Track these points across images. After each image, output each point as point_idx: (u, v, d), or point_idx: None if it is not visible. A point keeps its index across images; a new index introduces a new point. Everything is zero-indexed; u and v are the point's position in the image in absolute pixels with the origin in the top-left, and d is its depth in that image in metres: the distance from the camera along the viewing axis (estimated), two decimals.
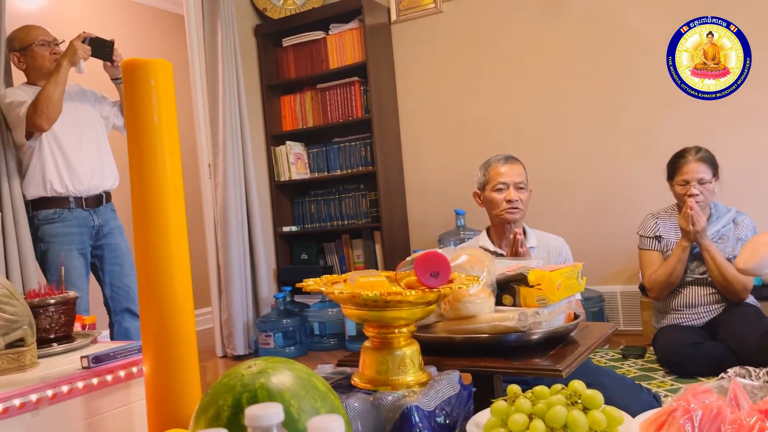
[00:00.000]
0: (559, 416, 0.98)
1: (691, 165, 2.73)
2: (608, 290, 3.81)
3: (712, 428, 0.89)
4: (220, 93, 4.01)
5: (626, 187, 3.76)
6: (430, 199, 4.35)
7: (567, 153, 3.93)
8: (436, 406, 1.10)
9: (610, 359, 3.20)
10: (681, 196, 2.77)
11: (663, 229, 2.89)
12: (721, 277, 2.68)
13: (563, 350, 1.33)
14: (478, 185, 2.39)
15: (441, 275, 1.11)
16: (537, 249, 2.26)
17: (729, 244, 2.75)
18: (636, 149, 3.73)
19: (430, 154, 4.36)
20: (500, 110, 4.12)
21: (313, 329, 4.06)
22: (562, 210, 3.92)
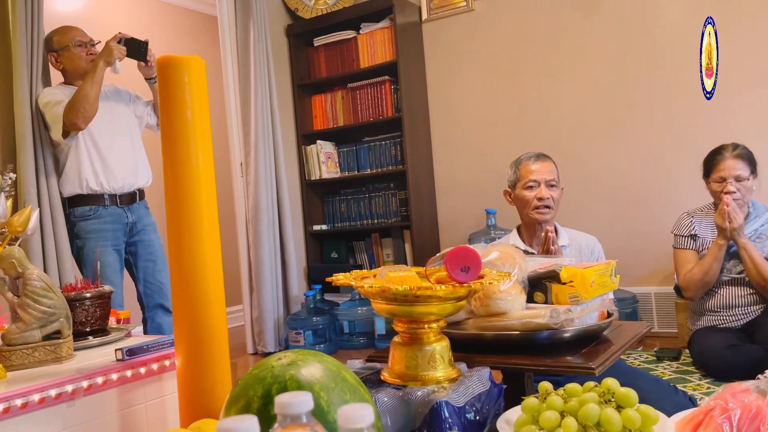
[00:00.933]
0: (592, 414, 0.97)
1: (728, 162, 2.66)
2: (642, 291, 3.74)
3: (751, 428, 0.86)
4: (252, 92, 4.05)
5: (661, 185, 3.68)
6: (461, 198, 4.33)
7: (600, 151, 3.87)
8: (466, 402, 1.09)
9: (644, 361, 3.14)
10: (717, 194, 2.70)
11: (698, 227, 2.83)
12: (760, 276, 2.60)
13: (596, 348, 1.31)
14: (509, 183, 2.37)
15: (471, 270, 1.10)
16: (569, 248, 2.23)
17: (767, 243, 2.68)
18: (671, 147, 3.65)
19: (461, 153, 4.33)
20: (531, 109, 4.07)
21: (342, 327, 4.07)
22: (594, 209, 3.86)
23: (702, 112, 3.55)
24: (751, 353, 2.56)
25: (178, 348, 1.28)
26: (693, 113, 3.58)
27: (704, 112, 3.54)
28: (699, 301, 2.85)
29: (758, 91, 3.41)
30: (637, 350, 3.39)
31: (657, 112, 3.69)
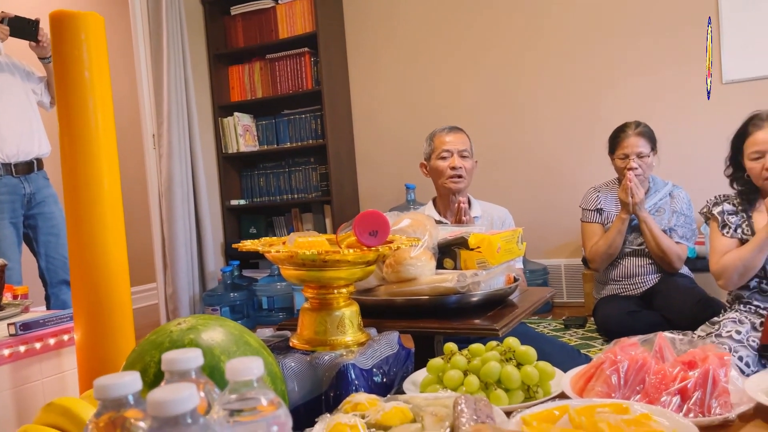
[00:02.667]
0: (493, 371, 1.00)
1: (630, 139, 2.80)
2: (552, 263, 3.90)
3: (637, 378, 0.92)
4: (164, 61, 3.88)
5: (570, 161, 3.84)
6: (381, 173, 4.34)
7: (513, 128, 3.98)
8: (374, 365, 1.10)
9: (552, 329, 3.28)
10: (621, 170, 2.83)
11: (604, 202, 2.96)
12: (657, 248, 2.76)
13: (501, 311, 1.35)
14: (425, 156, 2.40)
15: (380, 234, 1.10)
16: (481, 219, 2.29)
17: (665, 217, 2.84)
18: (579, 124, 3.80)
19: (382, 127, 4.34)
20: (451, 85, 4.12)
21: (261, 303, 4.03)
22: (507, 184, 3.98)
23: (608, 90, 3.71)
24: (649, 318, 2.72)
25: (77, 322, 1.22)
26: (600, 92, 3.74)
27: (610, 91, 3.71)
28: (603, 272, 3.00)
29: (659, 72, 3.59)
30: (546, 319, 3.54)
31: (566, 90, 3.83)
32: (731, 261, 2.13)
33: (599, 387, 0.93)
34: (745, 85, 3.42)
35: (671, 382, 0.89)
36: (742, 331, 2.08)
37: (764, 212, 2.14)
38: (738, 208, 2.23)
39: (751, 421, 0.87)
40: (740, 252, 2.12)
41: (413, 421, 0.87)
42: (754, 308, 2.18)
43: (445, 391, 0.99)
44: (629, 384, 0.92)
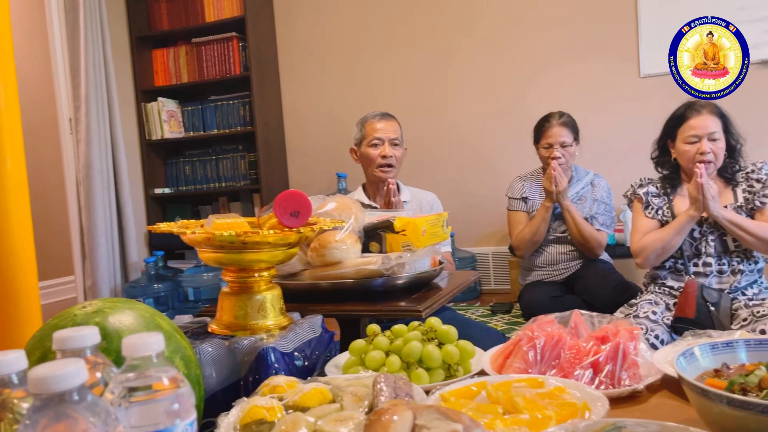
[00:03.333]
0: (414, 351, 1.00)
1: (554, 129, 2.87)
2: (481, 251, 3.98)
3: (553, 354, 0.94)
4: (81, 41, 3.68)
5: (498, 150, 3.92)
6: (312, 161, 4.29)
7: (443, 117, 4.02)
8: (295, 349, 1.08)
9: (480, 315, 3.34)
10: (545, 159, 2.91)
11: (529, 190, 3.04)
12: (579, 235, 2.86)
13: (426, 293, 1.36)
14: (355, 141, 2.38)
15: (301, 215, 1.08)
16: (410, 203, 2.30)
17: (587, 205, 2.94)
18: (506, 114, 3.88)
19: (313, 115, 4.29)
20: (381, 71, 4.12)
21: (187, 294, 3.91)
22: (436, 173, 4.02)
23: (534, 81, 3.81)
24: (571, 303, 2.81)
25: None
26: (526, 83, 3.83)
27: (535, 82, 3.80)
28: (529, 259, 3.08)
29: (581, 65, 3.71)
30: (474, 305, 3.61)
31: (493, 80, 3.90)
32: (651, 241, 2.22)
33: (517, 363, 0.95)
34: (662, 79, 3.57)
35: (585, 356, 0.92)
36: (657, 312, 2.18)
37: (686, 196, 2.24)
38: (660, 191, 2.33)
39: (658, 392, 0.90)
40: (660, 233, 2.22)
41: (332, 401, 0.85)
42: (668, 290, 2.28)
43: (367, 372, 0.98)
44: (545, 359, 0.94)
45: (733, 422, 0.62)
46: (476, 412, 0.76)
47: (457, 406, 0.80)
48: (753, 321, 2.05)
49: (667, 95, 3.42)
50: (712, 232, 2.19)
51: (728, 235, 2.17)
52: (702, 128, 2.16)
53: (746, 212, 2.18)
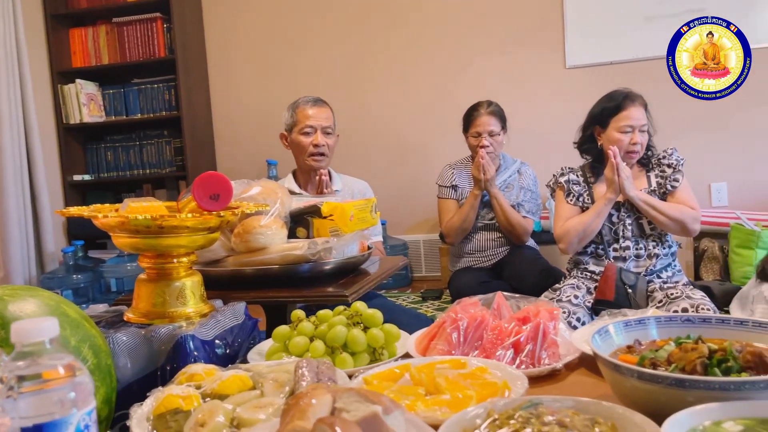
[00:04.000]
0: (339, 336, 0.99)
1: (482, 118, 2.92)
2: (412, 239, 4.01)
3: (476, 335, 0.94)
4: None
5: (429, 139, 3.94)
6: (242, 147, 4.19)
7: (374, 104, 4.01)
8: (216, 336, 1.04)
9: (411, 302, 3.37)
10: (474, 148, 2.95)
11: (459, 178, 3.07)
12: (507, 222, 2.92)
13: (353, 279, 1.35)
14: (286, 126, 2.33)
15: (222, 198, 1.04)
16: (342, 192, 2.28)
17: (514, 192, 3.01)
18: (437, 102, 3.91)
19: (242, 100, 4.18)
20: (312, 56, 4.06)
21: (109, 286, 3.75)
22: (368, 160, 4.01)
23: (461, 71, 3.85)
24: (499, 288, 2.80)
25: None
26: (454, 72, 3.87)
27: (463, 72, 3.85)
28: (458, 246, 3.12)
29: (509, 55, 3.79)
30: (405, 292, 3.64)
31: (424, 69, 3.92)
32: (572, 226, 2.30)
33: (441, 345, 0.95)
34: (587, 70, 3.69)
35: (506, 337, 0.93)
36: (579, 295, 2.26)
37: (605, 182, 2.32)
38: (581, 179, 2.41)
39: (576, 370, 0.92)
40: (581, 218, 2.30)
41: (253, 388, 0.83)
42: (590, 274, 2.37)
43: (290, 359, 0.96)
44: (468, 341, 0.94)
45: (643, 395, 0.64)
46: (398, 394, 0.76)
47: (380, 388, 0.79)
48: (667, 303, 2.16)
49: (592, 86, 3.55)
50: (629, 215, 2.29)
51: (644, 219, 2.27)
52: (636, 119, 2.25)
53: (659, 196, 2.29)
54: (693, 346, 0.68)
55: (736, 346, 0.68)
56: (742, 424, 0.56)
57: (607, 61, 3.64)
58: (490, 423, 0.61)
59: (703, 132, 3.53)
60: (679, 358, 0.68)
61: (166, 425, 0.76)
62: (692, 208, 2.24)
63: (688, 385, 0.60)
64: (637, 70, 3.56)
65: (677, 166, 2.30)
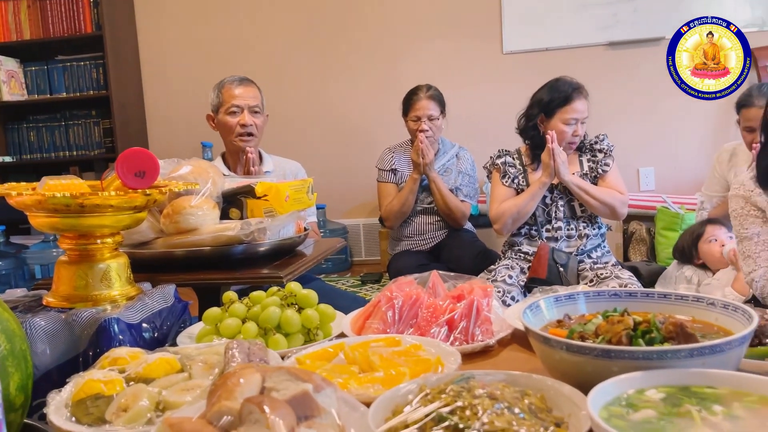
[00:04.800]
0: (273, 317, 0.96)
1: (422, 102, 2.92)
2: (352, 223, 3.99)
3: (411, 313, 0.94)
4: None
5: (368, 122, 3.93)
6: (175, 128, 4.06)
7: (312, 85, 3.96)
8: (143, 319, 1.00)
9: (350, 285, 3.37)
10: (414, 132, 2.96)
11: (398, 162, 3.07)
12: (445, 206, 2.94)
13: (289, 260, 1.32)
14: (212, 107, 2.27)
15: (148, 175, 1.00)
16: (273, 174, 2.23)
17: (452, 177, 3.04)
18: (377, 85, 3.89)
19: (175, 79, 4.04)
20: (248, 34, 3.96)
21: (33, 272, 3.57)
22: (306, 144, 3.96)
23: (401, 55, 3.85)
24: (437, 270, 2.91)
25: None
26: (395, 56, 3.86)
27: (403, 56, 3.84)
28: (398, 229, 3.13)
29: (447, 40, 3.80)
30: (345, 276, 3.63)
31: (364, 52, 3.89)
32: (507, 207, 2.35)
33: (376, 324, 0.94)
34: (523, 56, 3.75)
35: (441, 314, 0.93)
36: (513, 275, 2.31)
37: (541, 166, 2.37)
38: (517, 161, 2.45)
39: (509, 346, 0.94)
40: (516, 200, 2.35)
41: (181, 371, 0.80)
42: (523, 255, 2.42)
43: (221, 341, 0.93)
44: (403, 319, 0.94)
45: (572, 367, 0.65)
46: (331, 372, 0.75)
47: (313, 368, 0.78)
48: (597, 282, 2.23)
49: (529, 71, 3.62)
50: (562, 197, 2.36)
51: (575, 201, 2.34)
52: (581, 112, 2.31)
53: (590, 180, 2.37)
54: (619, 318, 0.70)
55: (659, 318, 0.70)
56: (664, 391, 0.58)
57: (543, 47, 3.71)
58: (422, 398, 0.61)
59: (632, 118, 3.65)
60: (606, 330, 0.70)
61: (87, 411, 0.72)
62: (621, 193, 2.33)
63: (613, 355, 0.61)
64: (571, 57, 3.65)
65: (608, 151, 2.38)
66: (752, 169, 1.67)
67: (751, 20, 3.50)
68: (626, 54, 3.64)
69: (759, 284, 1.59)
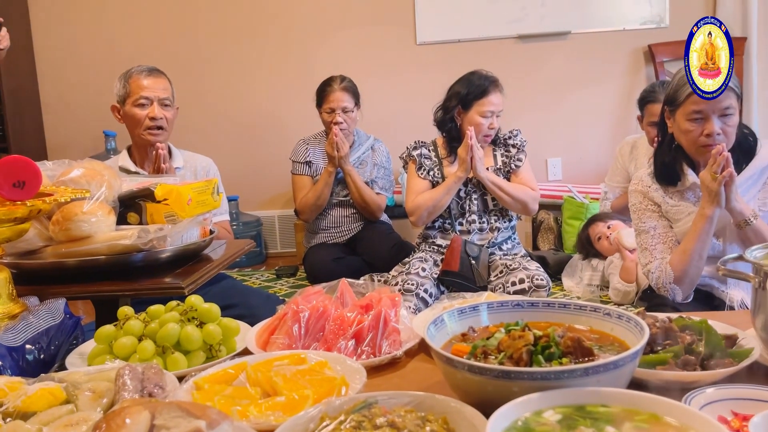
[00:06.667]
0: (171, 334, 0.91)
1: (336, 94, 2.88)
2: (266, 215, 3.91)
3: (318, 326, 0.92)
4: None
5: (281, 113, 3.84)
6: (74, 117, 3.81)
7: (223, 76, 3.83)
8: (27, 340, 0.93)
9: (265, 280, 3.30)
10: (328, 124, 2.92)
11: (313, 154, 3.03)
12: (361, 199, 2.93)
13: (193, 267, 1.26)
14: (118, 98, 2.14)
15: (28, 185, 0.92)
16: (184, 169, 2.14)
17: (368, 169, 3.02)
18: (290, 76, 3.81)
19: (74, 63, 3.79)
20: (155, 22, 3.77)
21: None
22: (216, 135, 3.84)
23: (315, 45, 3.78)
24: (353, 263, 2.90)
25: None
26: (309, 46, 3.79)
27: (317, 46, 3.78)
28: (313, 222, 3.09)
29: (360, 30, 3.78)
30: (260, 270, 3.55)
31: (277, 41, 3.79)
32: (423, 200, 2.37)
33: (281, 339, 0.92)
34: (437, 47, 3.78)
35: (349, 326, 0.91)
36: (426, 268, 2.34)
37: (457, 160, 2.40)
38: (432, 153, 2.47)
39: (417, 356, 0.93)
40: (432, 193, 2.37)
41: (66, 401, 0.74)
42: (437, 247, 2.46)
43: (114, 362, 0.88)
44: (310, 332, 0.92)
45: (474, 386, 0.65)
46: (230, 399, 0.71)
47: (211, 393, 0.74)
48: (506, 273, 2.29)
49: (442, 62, 3.65)
50: (475, 191, 2.41)
51: (488, 195, 2.39)
52: (497, 105, 2.36)
53: (503, 174, 2.42)
54: (520, 333, 0.71)
55: (558, 331, 0.71)
56: (561, 412, 0.59)
57: (456, 38, 3.75)
58: (323, 428, 0.59)
59: (540, 110, 3.77)
60: (508, 346, 0.70)
61: None
62: (532, 189, 2.41)
63: (513, 376, 0.62)
64: (483, 49, 3.71)
65: (521, 146, 2.45)
66: (650, 165, 1.76)
67: (650, 17, 3.67)
68: (534, 47, 3.74)
69: (655, 275, 1.68)
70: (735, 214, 1.56)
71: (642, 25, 3.69)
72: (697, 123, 1.57)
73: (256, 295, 2.13)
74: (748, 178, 1.63)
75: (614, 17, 3.70)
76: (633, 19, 3.69)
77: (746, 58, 3.59)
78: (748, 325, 0.89)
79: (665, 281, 1.64)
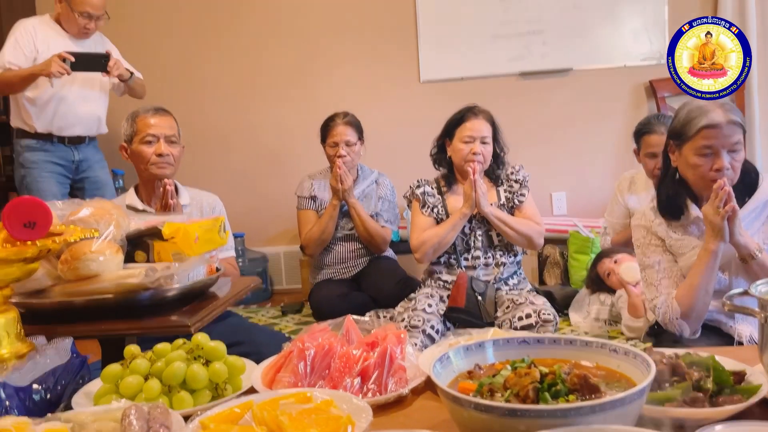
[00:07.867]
0: (177, 373, 0.92)
1: (339, 128, 2.93)
2: (272, 251, 3.92)
3: (323, 364, 0.92)
4: None
5: (287, 149, 3.89)
6: None
7: (229, 112, 3.89)
8: (34, 380, 0.93)
9: (270, 317, 3.29)
10: (332, 158, 2.95)
11: (317, 189, 3.06)
12: (366, 231, 2.94)
13: (198, 305, 1.27)
14: (125, 137, 2.18)
15: (39, 225, 0.93)
16: (190, 207, 2.16)
17: (372, 202, 3.04)
18: (295, 112, 3.87)
19: None
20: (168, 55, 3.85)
21: None
22: (223, 172, 3.88)
23: (321, 83, 3.85)
24: (358, 299, 2.89)
25: None
26: (314, 84, 3.86)
27: (323, 84, 3.85)
28: (318, 257, 3.10)
29: (365, 68, 3.84)
30: (265, 307, 3.55)
31: (283, 79, 3.87)
32: (428, 237, 2.38)
33: (287, 377, 0.92)
34: (440, 84, 3.84)
35: (354, 364, 0.91)
36: (433, 304, 2.34)
37: (459, 195, 2.43)
38: (435, 190, 2.50)
39: (423, 394, 0.93)
40: (437, 230, 2.39)
41: None
42: (443, 283, 2.45)
43: (120, 402, 0.88)
44: (316, 370, 0.92)
45: (480, 424, 0.65)
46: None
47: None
48: (513, 308, 2.28)
49: (445, 100, 3.68)
50: (480, 227, 2.42)
51: (493, 230, 2.40)
52: (477, 131, 2.39)
53: (507, 210, 2.44)
54: (526, 371, 0.71)
55: (565, 368, 0.71)
56: None
57: (459, 76, 3.81)
58: None
59: (544, 145, 3.79)
60: (514, 384, 0.70)
61: None
62: (537, 223, 2.42)
63: (519, 414, 0.62)
64: (486, 86, 3.76)
65: (524, 182, 2.47)
66: (653, 199, 1.76)
67: (649, 53, 3.72)
68: (537, 84, 3.79)
69: (661, 311, 1.67)
70: (740, 248, 1.56)
71: (642, 61, 3.73)
72: (706, 158, 1.57)
73: (261, 333, 2.12)
74: (751, 211, 1.64)
75: (615, 54, 3.75)
76: (634, 55, 3.74)
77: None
78: (756, 360, 0.89)
79: (672, 317, 1.63)
